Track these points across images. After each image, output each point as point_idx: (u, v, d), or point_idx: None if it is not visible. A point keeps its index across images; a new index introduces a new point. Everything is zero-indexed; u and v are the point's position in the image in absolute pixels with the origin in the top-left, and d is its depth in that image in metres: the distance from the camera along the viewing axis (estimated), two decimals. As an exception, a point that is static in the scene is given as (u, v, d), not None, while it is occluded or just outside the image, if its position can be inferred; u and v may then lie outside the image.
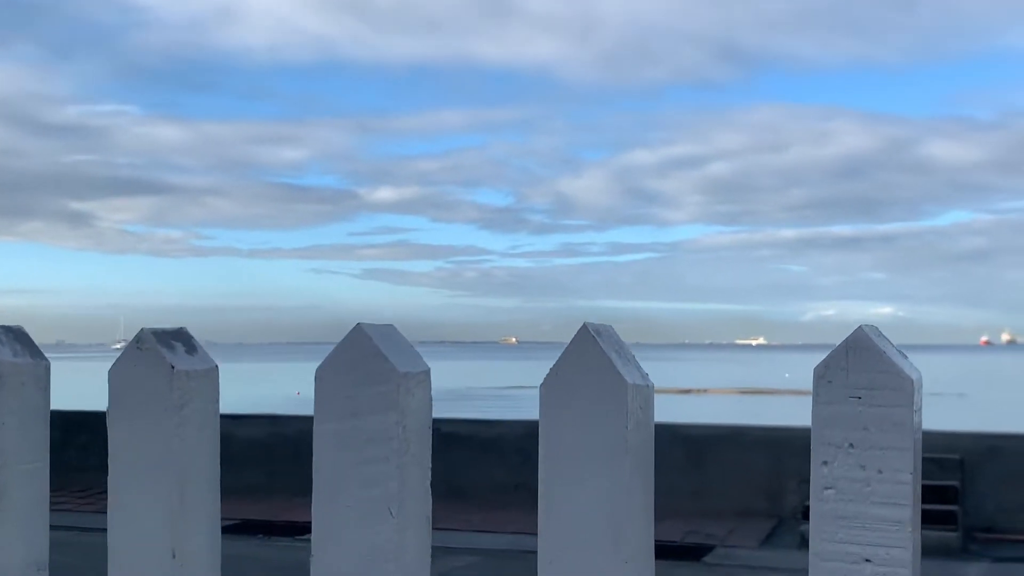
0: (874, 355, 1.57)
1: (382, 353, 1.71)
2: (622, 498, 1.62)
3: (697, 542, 10.66)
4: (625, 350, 1.71)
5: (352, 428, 1.73)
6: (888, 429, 1.55)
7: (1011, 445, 11.32)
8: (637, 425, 1.65)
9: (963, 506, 11.58)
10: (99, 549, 1.89)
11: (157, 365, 1.83)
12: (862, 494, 1.56)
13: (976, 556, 10.01)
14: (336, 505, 1.73)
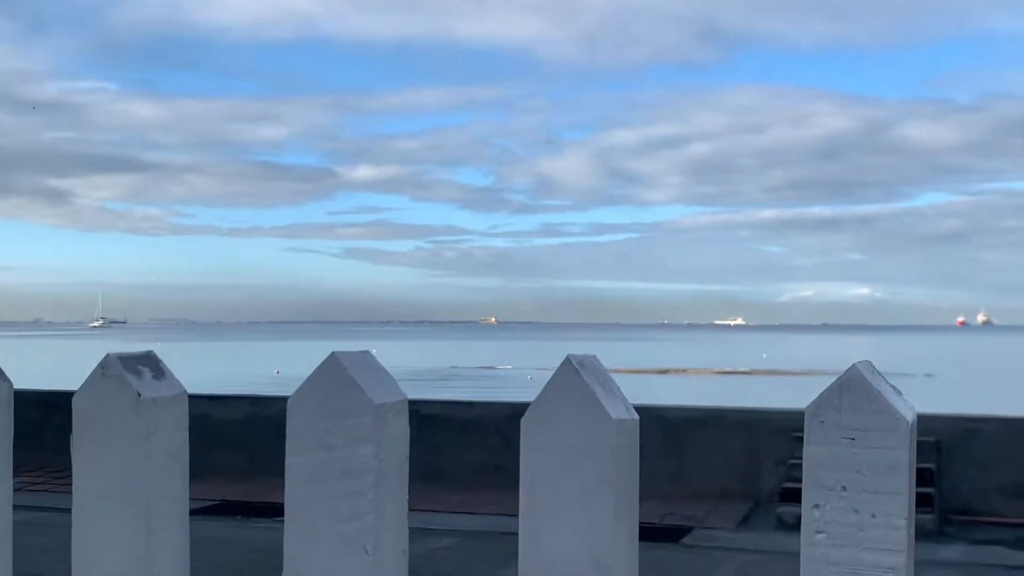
0: (868, 394, 1.51)
1: (357, 384, 1.65)
2: (607, 537, 1.56)
3: (675, 524, 10.68)
4: (610, 382, 1.65)
5: (327, 461, 1.66)
6: (883, 472, 1.50)
7: (987, 428, 11.37)
8: (621, 461, 1.59)
9: (939, 488, 11.68)
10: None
11: (123, 393, 1.76)
12: (855, 539, 1.51)
13: (951, 538, 10.10)
14: (309, 540, 1.67)
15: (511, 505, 1.71)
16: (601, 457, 1.57)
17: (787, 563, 9.63)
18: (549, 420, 1.60)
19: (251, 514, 11.11)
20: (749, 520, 12.78)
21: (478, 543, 9.66)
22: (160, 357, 1.84)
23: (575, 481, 1.57)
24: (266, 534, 10.47)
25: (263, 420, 15.58)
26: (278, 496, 7.28)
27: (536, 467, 1.61)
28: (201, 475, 12.58)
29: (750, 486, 14.15)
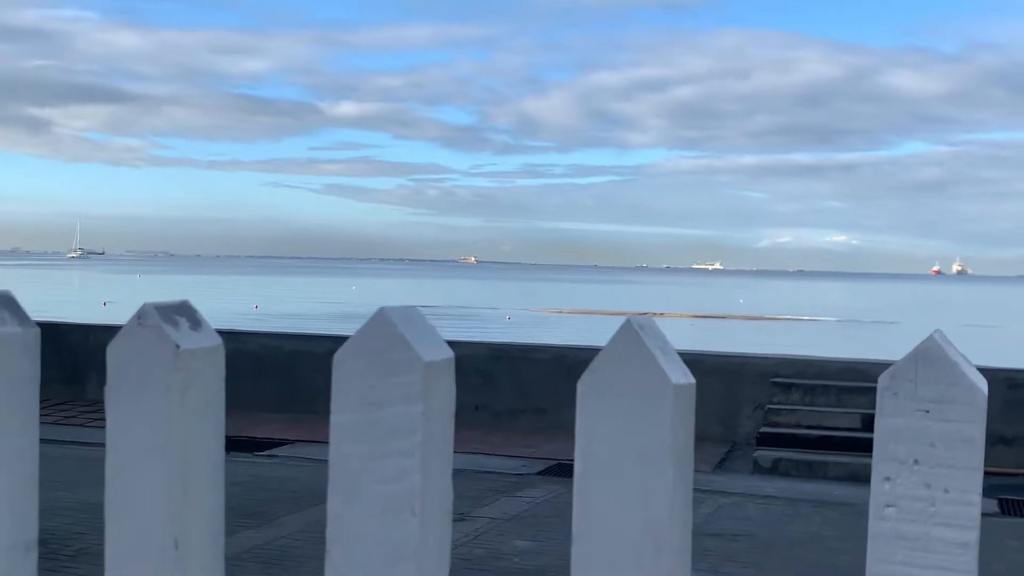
0: (945, 366, 1.46)
1: (407, 340, 1.59)
2: (664, 506, 1.52)
3: (655, 468, 10.78)
4: (668, 346, 1.60)
5: (373, 420, 1.61)
6: (957, 446, 1.46)
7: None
8: (680, 428, 1.55)
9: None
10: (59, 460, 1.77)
11: (160, 344, 1.69)
12: (926, 514, 1.47)
13: None
14: (353, 501, 1.62)
15: (491, 444, 1.67)
16: (660, 423, 1.52)
17: (762, 505, 9.70)
18: (607, 384, 1.55)
19: (230, 448, 11.12)
20: (726, 463, 12.90)
21: (457, 481, 9.70)
22: (196, 307, 1.78)
23: (632, 448, 1.53)
24: (246, 468, 10.47)
25: (242, 355, 15.49)
26: (257, 431, 7.28)
27: (592, 432, 1.56)
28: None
29: (727, 430, 14.27)
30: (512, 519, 8.97)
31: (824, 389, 13.86)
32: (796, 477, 12.13)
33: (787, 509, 10.04)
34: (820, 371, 14.38)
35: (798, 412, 13.71)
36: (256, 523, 8.24)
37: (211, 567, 1.76)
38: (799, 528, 9.10)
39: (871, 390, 13.22)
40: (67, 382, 15.87)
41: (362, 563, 1.61)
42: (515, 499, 9.73)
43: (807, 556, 7.92)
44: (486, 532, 8.76)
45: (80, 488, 8.35)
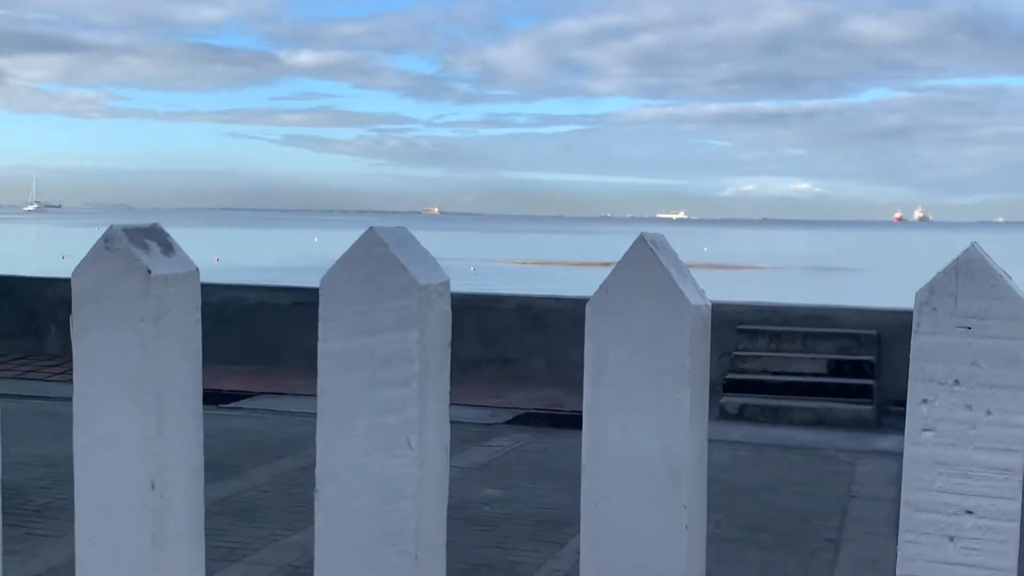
0: (989, 279, 1.36)
1: (400, 263, 1.46)
2: (682, 435, 1.41)
3: (623, 416, 10.82)
4: (682, 265, 1.49)
5: (365, 348, 1.49)
6: (1001, 365, 1.36)
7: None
8: (697, 352, 1.44)
9: (878, 380, 11.91)
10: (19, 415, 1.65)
11: (130, 269, 1.55)
12: (966, 438, 1.38)
13: (889, 428, 10.49)
14: (345, 435, 1.50)
15: (456, 394, 1.57)
16: (676, 348, 1.41)
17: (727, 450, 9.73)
18: (619, 306, 1.43)
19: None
20: (694, 410, 12.84)
21: None
22: (168, 231, 1.64)
23: (647, 374, 1.42)
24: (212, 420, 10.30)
25: (205, 307, 15.27)
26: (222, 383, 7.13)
27: (604, 358, 1.45)
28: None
29: (695, 378, 14.23)
30: (481, 468, 8.94)
31: (790, 335, 13.90)
32: (762, 423, 12.19)
33: (753, 454, 10.07)
34: (785, 317, 14.41)
35: (764, 358, 13.76)
36: (222, 475, 8.14)
37: (191, 508, 1.64)
38: (765, 473, 9.13)
39: (836, 336, 13.29)
40: (26, 336, 15.62)
41: (356, 502, 1.50)
42: (484, 448, 9.71)
43: (774, 500, 7.94)
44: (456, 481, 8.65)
45: (42, 443, 8.19)
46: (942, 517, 1.39)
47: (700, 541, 1.49)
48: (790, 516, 7.58)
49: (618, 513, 1.44)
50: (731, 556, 5.65)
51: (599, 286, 1.45)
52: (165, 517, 1.58)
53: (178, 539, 1.61)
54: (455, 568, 5.30)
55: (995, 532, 1.37)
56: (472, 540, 5.87)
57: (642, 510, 1.43)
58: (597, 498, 1.45)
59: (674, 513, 1.41)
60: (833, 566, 5.96)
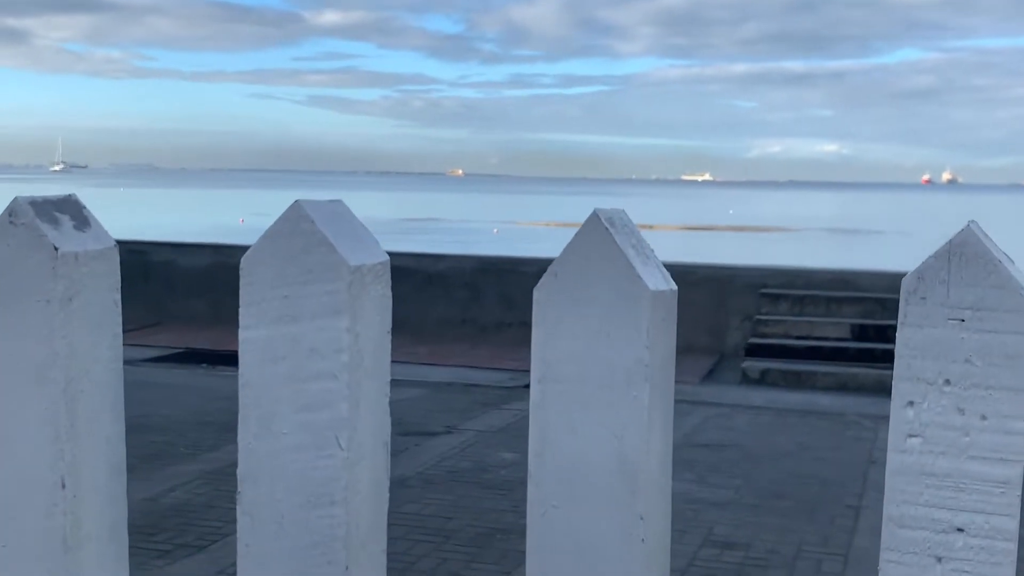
0: (986, 264, 1.18)
1: (328, 241, 1.30)
2: (639, 437, 1.25)
3: (642, 380, 10.76)
4: (643, 244, 1.32)
5: (290, 336, 1.33)
6: (999, 363, 1.18)
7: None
8: (658, 342, 1.27)
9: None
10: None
11: (36, 245, 1.40)
12: (958, 445, 1.20)
13: None
14: (269, 432, 1.35)
15: (476, 358, 1.39)
16: (633, 339, 1.25)
17: (748, 415, 9.64)
18: (570, 291, 1.27)
19: (216, 362, 11.04)
20: (714, 374, 12.84)
21: (444, 394, 9.71)
22: (84, 202, 1.49)
23: (601, 368, 1.25)
24: (230, 382, 10.30)
25: (227, 268, 15.25)
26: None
27: (552, 349, 1.28)
28: (166, 322, 12.36)
29: (716, 341, 14.17)
30: (499, 431, 8.88)
31: (813, 299, 13.72)
32: (784, 387, 12.06)
33: (775, 419, 9.94)
34: (809, 281, 14.22)
35: (787, 323, 13.57)
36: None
37: (111, 508, 1.50)
38: (787, 438, 8.99)
39: (861, 300, 13.09)
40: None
41: (280, 506, 1.35)
42: (502, 411, 9.65)
43: (794, 466, 7.81)
44: (473, 445, 8.67)
45: None
46: (929, 535, 1.22)
47: (661, 556, 1.33)
48: (810, 482, 7.46)
49: (567, 523, 1.28)
50: (749, 522, 5.54)
51: (548, 269, 1.29)
52: (78, 518, 1.44)
53: (94, 541, 1.46)
54: (472, 532, 5.21)
55: (989, 553, 1.20)
56: (488, 504, 5.81)
57: (594, 520, 1.27)
58: (545, 507, 1.30)
59: (629, 524, 1.25)
60: (853, 532, 5.86)
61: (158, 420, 6.79)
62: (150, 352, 10.34)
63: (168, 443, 6.04)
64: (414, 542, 4.43)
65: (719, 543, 4.74)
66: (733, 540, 4.82)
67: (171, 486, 5.09)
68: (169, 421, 6.70)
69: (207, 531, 4.52)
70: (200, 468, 6.57)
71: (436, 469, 5.96)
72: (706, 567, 4.49)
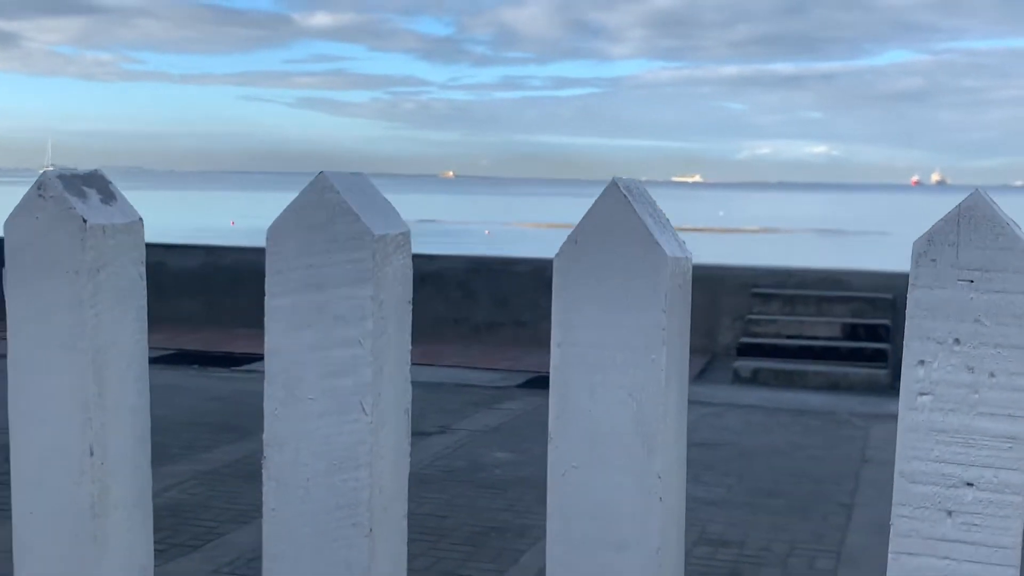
0: (994, 227, 1.22)
1: (353, 211, 1.34)
2: (657, 399, 1.29)
3: (635, 379, 10.79)
4: (659, 213, 1.36)
5: (315, 304, 1.37)
6: (1007, 322, 1.22)
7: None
8: (675, 308, 1.31)
9: (893, 344, 11.83)
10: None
11: (65, 218, 1.43)
12: (968, 403, 1.24)
13: None
14: (294, 397, 1.39)
15: (470, 357, 1.43)
16: (652, 304, 1.29)
17: (740, 414, 9.70)
18: (590, 257, 1.31)
19: (207, 363, 11.03)
20: (705, 373, 12.88)
21: (437, 394, 9.71)
22: (110, 178, 1.52)
23: (620, 332, 1.29)
24: (223, 383, 10.34)
25: (218, 270, 15.27)
26: (234, 346, 6.99)
27: (572, 314, 1.32)
28: (157, 323, 12.39)
29: (707, 341, 14.22)
30: (492, 431, 8.90)
31: (804, 299, 13.77)
32: (776, 387, 12.11)
33: (767, 418, 9.99)
34: (800, 281, 14.28)
35: (778, 322, 13.62)
36: (236, 437, 8.11)
37: (136, 476, 1.53)
38: (778, 437, 9.04)
39: (851, 299, 13.16)
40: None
41: (305, 470, 1.38)
42: (495, 411, 9.67)
43: (786, 464, 7.86)
44: (467, 444, 8.69)
45: None
46: (940, 490, 1.26)
47: (677, 514, 1.37)
48: (802, 480, 7.51)
49: (587, 483, 1.32)
50: (742, 520, 5.58)
51: (568, 236, 1.33)
52: (106, 485, 1.47)
53: (121, 508, 1.50)
54: (467, 530, 5.24)
55: (998, 506, 1.24)
56: (483, 503, 5.84)
57: (613, 480, 1.31)
58: (565, 468, 1.34)
59: (647, 483, 1.29)
60: (845, 530, 5.90)
61: (151, 421, 6.82)
62: (143, 353, 10.37)
63: (161, 444, 6.05)
64: (409, 541, 4.46)
65: (713, 541, 4.78)
66: (727, 538, 4.86)
67: (165, 486, 5.10)
68: (162, 422, 6.70)
69: (201, 531, 4.54)
70: (194, 468, 6.60)
71: (430, 468, 5.98)
72: (700, 565, 4.52)
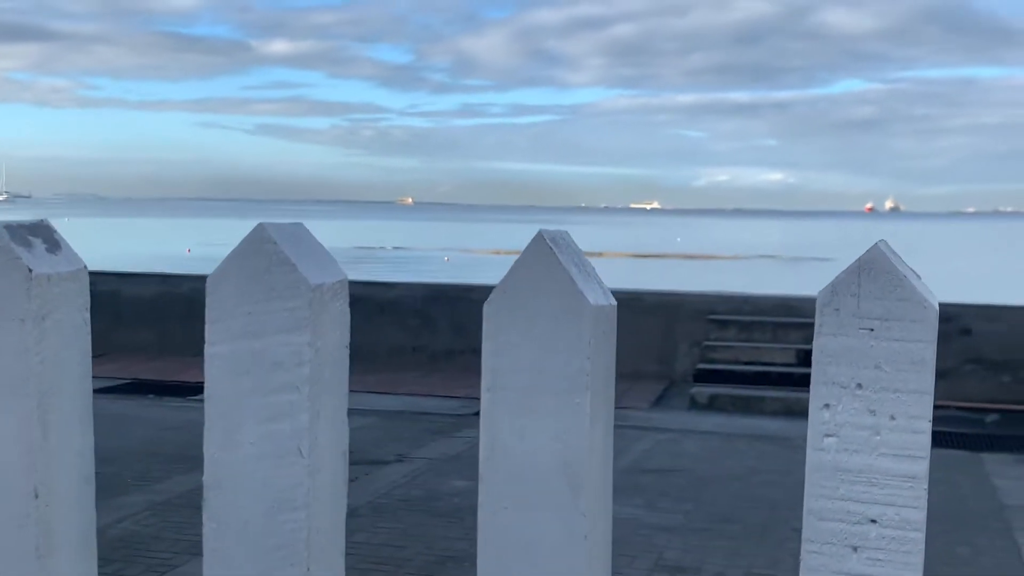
0: (892, 279, 1.30)
1: (290, 261, 1.40)
2: (581, 441, 1.35)
3: (593, 406, 10.84)
4: (585, 263, 1.42)
5: (253, 351, 1.42)
6: (905, 368, 1.30)
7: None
8: (600, 354, 1.38)
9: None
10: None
11: (11, 268, 1.48)
12: (870, 444, 1.32)
13: None
14: (234, 442, 1.44)
15: (428, 385, 1.48)
16: (576, 350, 1.35)
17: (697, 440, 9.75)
18: (517, 306, 1.37)
19: (162, 393, 10.94)
20: (663, 400, 12.96)
21: (395, 423, 9.70)
22: (55, 227, 1.57)
23: (546, 378, 1.36)
24: (178, 413, 10.28)
25: (174, 298, 15.20)
26: (189, 375, 6.95)
27: (501, 359, 1.38)
28: (112, 353, 12.26)
29: (665, 367, 14.31)
30: (450, 459, 8.90)
31: (760, 325, 13.92)
32: (732, 412, 12.21)
33: (723, 444, 10.07)
34: (756, 307, 14.43)
35: (734, 348, 13.75)
36: (190, 467, 8.06)
37: (81, 517, 1.57)
38: (735, 463, 9.12)
39: (806, 325, 13.31)
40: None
41: (244, 512, 1.43)
42: (454, 439, 9.67)
43: (743, 490, 7.93)
44: (424, 473, 8.68)
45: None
46: (846, 526, 1.34)
47: (603, 550, 1.43)
48: (759, 506, 7.57)
49: (517, 522, 1.38)
50: (698, 546, 5.64)
51: (497, 286, 1.39)
52: (51, 527, 1.51)
53: (66, 548, 1.54)
54: (422, 560, 5.25)
55: (900, 542, 1.32)
56: (440, 532, 5.84)
57: (541, 519, 1.37)
58: (495, 508, 1.39)
59: (573, 522, 1.35)
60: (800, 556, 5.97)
61: (104, 451, 6.73)
62: (96, 383, 10.22)
63: (115, 474, 6.01)
64: (365, 571, 4.45)
65: (669, 567, 4.83)
66: (683, 564, 4.91)
67: (118, 517, 5.07)
68: (116, 452, 6.65)
69: (155, 562, 4.53)
70: (148, 499, 6.57)
71: (386, 498, 5.98)
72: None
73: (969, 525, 5.77)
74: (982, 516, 5.99)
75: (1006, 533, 5.63)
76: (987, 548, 5.31)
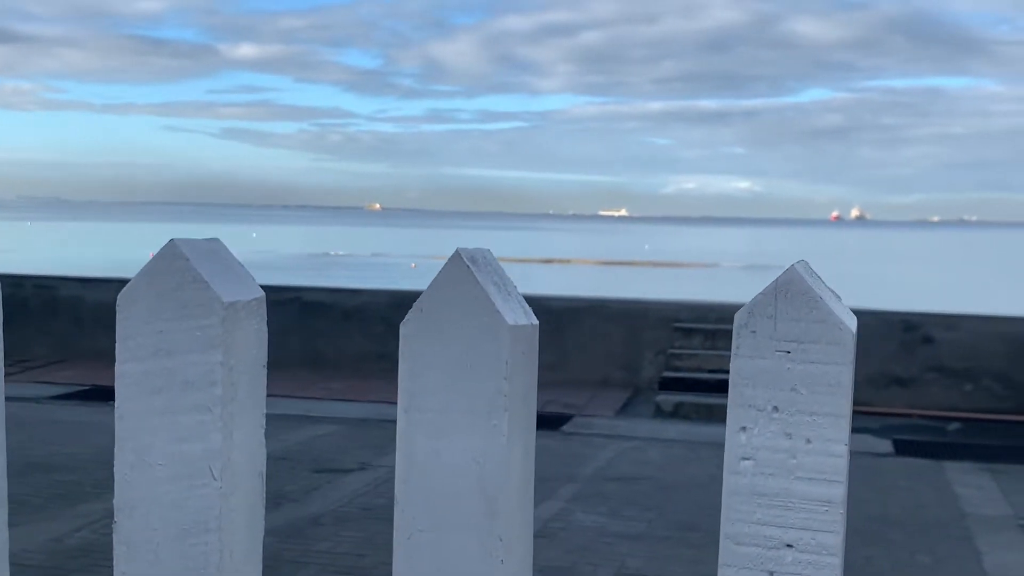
0: (809, 301, 1.28)
1: (202, 278, 1.36)
2: (498, 463, 1.33)
3: (556, 411, 10.82)
4: (505, 280, 1.40)
5: (164, 370, 1.38)
6: (821, 391, 1.28)
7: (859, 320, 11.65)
8: (518, 374, 1.35)
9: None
10: None
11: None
12: (786, 467, 1.30)
13: None
14: (144, 462, 1.40)
15: (393, 392, 1.45)
16: (493, 371, 1.32)
17: (662, 448, 9.76)
18: (435, 325, 1.34)
19: (108, 399, 10.87)
20: (628, 408, 12.98)
21: (360, 430, 9.65)
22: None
23: (463, 399, 1.33)
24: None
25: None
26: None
27: (417, 381, 1.36)
28: (72, 359, 12.11)
29: (630, 375, 14.34)
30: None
31: (725, 333, 13.95)
32: (697, 420, 12.24)
33: (688, 452, 10.10)
34: (721, 316, 14.48)
35: (699, 356, 13.80)
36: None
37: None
38: (699, 470, 9.14)
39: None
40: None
41: (155, 535, 1.40)
42: (411, 448, 9.63)
43: (706, 498, 7.93)
44: (387, 481, 8.61)
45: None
46: (762, 551, 1.32)
47: (522, 575, 1.40)
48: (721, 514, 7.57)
49: (432, 546, 1.35)
50: (661, 555, 5.63)
51: (413, 305, 1.36)
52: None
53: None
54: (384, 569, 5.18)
55: (816, 567, 1.30)
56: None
57: (457, 542, 1.34)
58: (411, 531, 1.36)
59: (489, 545, 1.33)
60: (717, 581, 5.97)
61: (64, 459, 6.64)
62: (55, 390, 10.09)
63: (75, 482, 5.93)
64: (325, 582, 4.42)
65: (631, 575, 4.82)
66: (645, 572, 4.90)
67: (77, 526, 5.00)
68: (75, 460, 6.56)
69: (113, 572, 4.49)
70: (107, 507, 6.48)
71: (349, 507, 5.92)
72: (619, 601, 4.57)
73: (931, 533, 5.79)
74: (944, 524, 6.01)
75: (967, 542, 5.65)
76: (948, 556, 5.32)
